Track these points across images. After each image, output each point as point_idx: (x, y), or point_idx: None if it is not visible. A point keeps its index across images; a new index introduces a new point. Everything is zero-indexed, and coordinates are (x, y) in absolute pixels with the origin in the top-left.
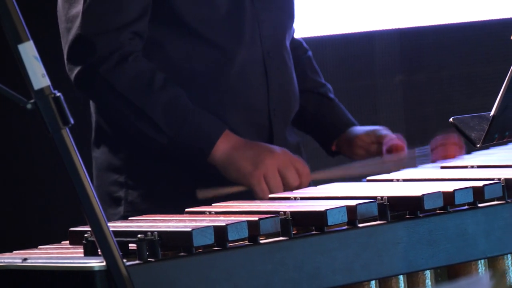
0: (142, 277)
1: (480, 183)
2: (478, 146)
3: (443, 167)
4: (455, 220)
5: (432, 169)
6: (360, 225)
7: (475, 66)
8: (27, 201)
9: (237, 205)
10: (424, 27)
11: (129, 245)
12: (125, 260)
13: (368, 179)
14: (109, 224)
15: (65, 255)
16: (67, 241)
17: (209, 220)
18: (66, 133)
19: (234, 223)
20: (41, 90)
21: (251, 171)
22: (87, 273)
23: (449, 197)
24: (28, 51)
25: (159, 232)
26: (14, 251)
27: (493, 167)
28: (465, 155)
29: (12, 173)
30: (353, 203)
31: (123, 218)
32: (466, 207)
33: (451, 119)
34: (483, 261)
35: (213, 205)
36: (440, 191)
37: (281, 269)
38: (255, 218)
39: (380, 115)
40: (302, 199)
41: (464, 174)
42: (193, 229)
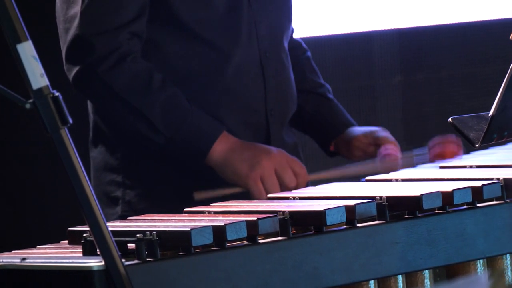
0: (140, 277)
1: (479, 183)
2: (477, 146)
3: (441, 167)
4: (454, 220)
5: (430, 169)
6: (359, 225)
7: (474, 66)
8: (26, 201)
9: (236, 205)
10: (423, 27)
11: (128, 245)
12: (123, 260)
13: (367, 179)
14: (108, 224)
15: (63, 255)
16: (66, 241)
17: (208, 220)
18: (64, 132)
19: (233, 223)
20: (40, 89)
21: (247, 172)
22: (86, 273)
23: (447, 197)
24: (26, 51)
25: (157, 232)
26: (13, 251)
27: (492, 167)
28: (464, 155)
29: (11, 173)
30: (352, 203)
31: (120, 218)
32: (465, 207)
33: (450, 119)
34: (481, 261)
35: (211, 205)
36: (439, 191)
37: (280, 269)
38: (254, 218)
39: (379, 115)
40: (300, 199)
41: (463, 174)
42: (192, 229)
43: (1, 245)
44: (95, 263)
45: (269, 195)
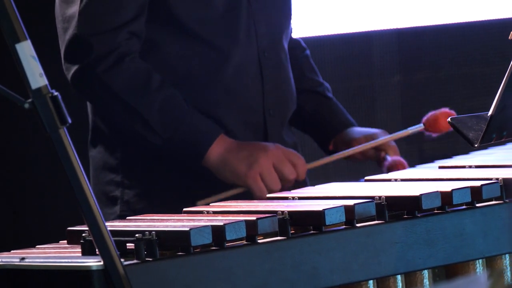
0: (140, 276)
1: (478, 183)
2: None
3: (441, 167)
4: (453, 220)
5: (430, 169)
6: (358, 225)
7: (473, 66)
8: (25, 200)
9: (235, 204)
10: (422, 27)
11: (127, 244)
12: (122, 259)
13: (366, 178)
14: (107, 223)
15: (63, 255)
16: (65, 241)
17: (207, 219)
18: (63, 132)
19: (232, 222)
20: (39, 89)
21: (246, 172)
22: (85, 272)
23: (447, 197)
24: (25, 51)
25: (157, 231)
26: (12, 251)
27: (491, 167)
28: (463, 155)
29: (10, 173)
30: (351, 203)
31: (119, 217)
32: (464, 207)
33: (449, 119)
34: (481, 261)
35: (211, 204)
36: (438, 191)
37: (279, 268)
38: (253, 217)
39: (378, 115)
40: (300, 198)
41: (462, 174)
42: (191, 229)
43: (0, 245)
44: (94, 263)
45: (268, 195)
